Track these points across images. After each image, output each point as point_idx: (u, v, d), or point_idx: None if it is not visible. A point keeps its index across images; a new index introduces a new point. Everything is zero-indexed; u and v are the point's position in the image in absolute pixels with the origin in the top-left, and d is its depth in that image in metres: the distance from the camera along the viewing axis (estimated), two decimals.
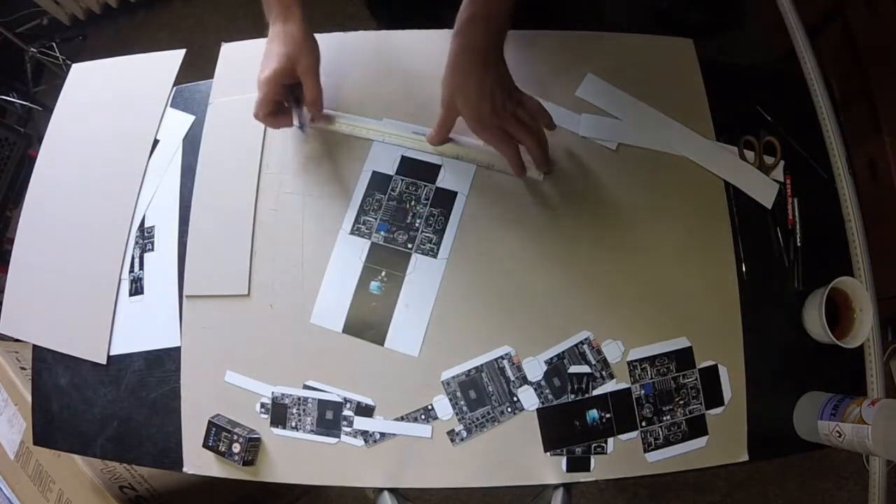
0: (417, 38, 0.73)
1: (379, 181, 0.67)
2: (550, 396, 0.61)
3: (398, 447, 0.61)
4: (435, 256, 0.64)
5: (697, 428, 0.60)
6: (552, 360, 0.61)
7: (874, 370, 0.63)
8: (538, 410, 0.60)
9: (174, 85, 0.75)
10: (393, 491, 0.60)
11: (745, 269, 0.64)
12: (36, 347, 0.70)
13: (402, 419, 0.61)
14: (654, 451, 0.60)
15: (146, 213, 0.71)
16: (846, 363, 0.63)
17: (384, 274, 0.64)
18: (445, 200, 0.66)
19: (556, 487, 0.59)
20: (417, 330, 0.62)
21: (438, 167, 0.67)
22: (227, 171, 0.70)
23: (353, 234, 0.65)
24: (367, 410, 0.61)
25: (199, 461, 0.63)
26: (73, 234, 0.72)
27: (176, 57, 0.77)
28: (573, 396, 0.61)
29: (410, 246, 0.65)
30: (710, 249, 0.64)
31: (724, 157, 0.67)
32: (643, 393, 0.61)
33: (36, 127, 1.74)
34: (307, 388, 0.62)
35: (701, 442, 0.60)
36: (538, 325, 0.62)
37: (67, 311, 0.69)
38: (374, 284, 0.64)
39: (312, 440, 0.61)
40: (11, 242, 0.73)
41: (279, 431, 0.62)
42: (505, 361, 0.61)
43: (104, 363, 0.67)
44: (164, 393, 0.65)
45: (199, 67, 0.77)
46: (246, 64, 0.74)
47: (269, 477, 0.61)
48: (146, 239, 0.70)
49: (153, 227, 0.70)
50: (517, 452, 0.60)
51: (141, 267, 0.69)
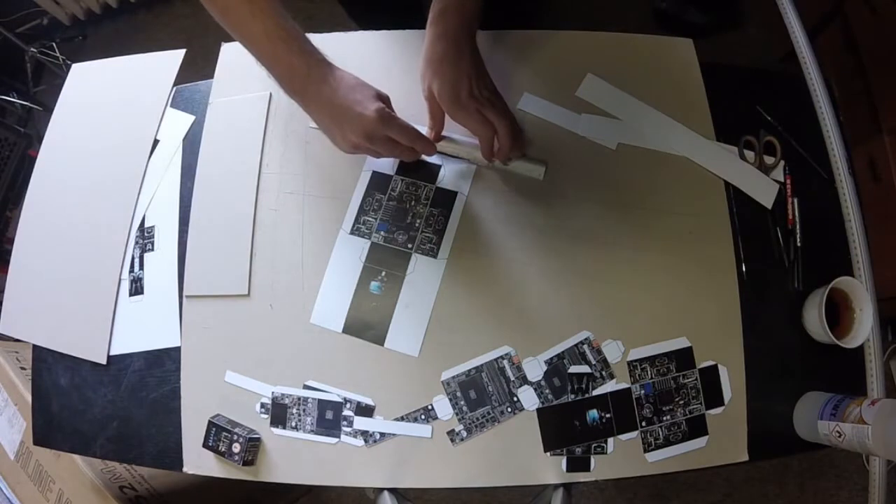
0: (417, 38, 0.73)
1: (379, 181, 0.67)
2: (550, 396, 0.61)
3: (398, 447, 0.61)
4: (435, 256, 0.64)
5: (697, 428, 0.60)
6: (552, 360, 0.61)
7: (874, 370, 0.63)
8: (538, 410, 0.60)
9: (174, 85, 0.75)
10: (393, 491, 0.60)
11: (745, 269, 0.64)
12: (36, 347, 0.70)
13: (402, 419, 0.61)
14: (654, 451, 0.60)
15: (146, 213, 0.71)
16: (846, 363, 0.63)
17: (384, 274, 0.64)
18: (445, 200, 0.66)
19: (556, 487, 0.59)
20: (417, 330, 0.62)
21: (438, 167, 0.67)
22: (227, 171, 0.70)
23: (353, 234, 0.65)
24: (367, 410, 0.61)
25: (199, 461, 0.63)
26: (73, 233, 0.72)
27: (176, 57, 0.77)
28: (573, 396, 0.61)
29: (410, 246, 0.65)
30: (709, 249, 0.64)
31: (724, 157, 0.67)
32: (643, 393, 0.61)
33: (36, 127, 1.74)
34: (307, 388, 0.62)
35: (701, 442, 0.60)
36: (538, 325, 0.62)
37: (67, 311, 0.69)
38: (373, 284, 0.64)
39: (312, 440, 0.61)
40: (11, 242, 0.73)
41: (279, 431, 0.62)
42: (505, 361, 0.61)
43: (104, 363, 0.67)
44: (164, 393, 0.65)
45: (199, 67, 0.77)
46: (246, 64, 0.73)
47: (269, 477, 0.61)
48: (146, 239, 0.70)
49: (153, 227, 0.70)
50: (517, 452, 0.60)
51: (141, 267, 0.69)
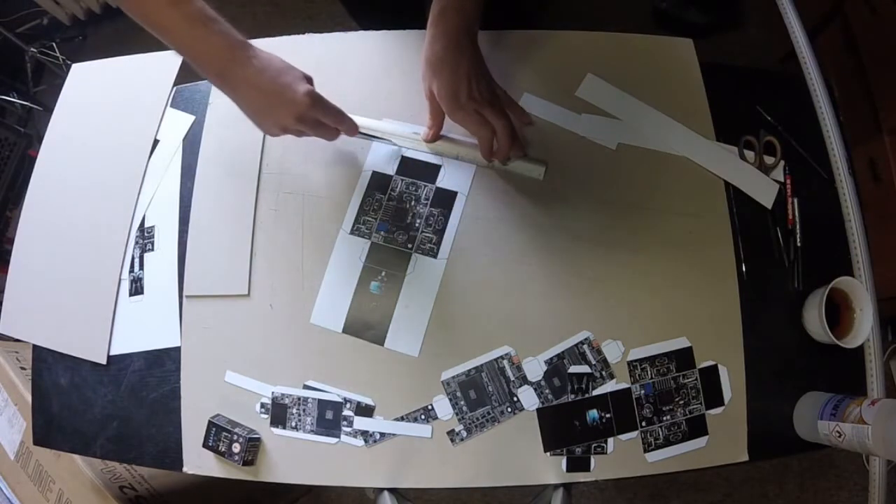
0: (417, 38, 0.73)
1: (379, 181, 0.67)
2: (550, 396, 0.61)
3: (398, 447, 0.61)
4: (435, 256, 0.64)
5: (697, 428, 0.60)
6: (552, 360, 0.61)
7: (874, 370, 0.63)
8: (538, 410, 0.60)
9: (174, 85, 0.75)
10: (393, 491, 0.60)
11: (745, 269, 0.64)
12: (36, 347, 0.70)
13: (402, 419, 0.61)
14: (654, 451, 0.60)
15: (146, 213, 0.71)
16: (846, 363, 0.63)
17: (384, 274, 0.64)
18: (445, 200, 0.66)
19: (556, 487, 0.59)
20: (417, 330, 0.62)
21: (438, 167, 0.67)
22: (227, 171, 0.70)
23: (353, 234, 0.65)
24: (367, 410, 0.61)
25: (199, 461, 0.63)
26: (73, 234, 0.72)
27: (176, 57, 0.77)
28: (573, 396, 0.61)
29: (410, 246, 0.65)
30: (710, 249, 0.64)
31: (724, 157, 0.67)
32: (643, 393, 0.61)
33: (36, 127, 1.74)
34: (307, 388, 0.62)
35: (701, 442, 0.60)
36: (538, 325, 0.62)
37: (67, 311, 0.69)
38: (373, 284, 0.64)
39: (312, 440, 0.61)
40: (11, 242, 0.73)
41: (279, 431, 0.62)
42: (505, 361, 0.61)
43: (104, 363, 0.67)
44: (164, 393, 0.65)
45: None
46: None
47: (269, 477, 0.62)
48: (146, 239, 0.70)
49: (153, 227, 0.70)
50: (517, 452, 0.60)
51: (141, 267, 0.69)
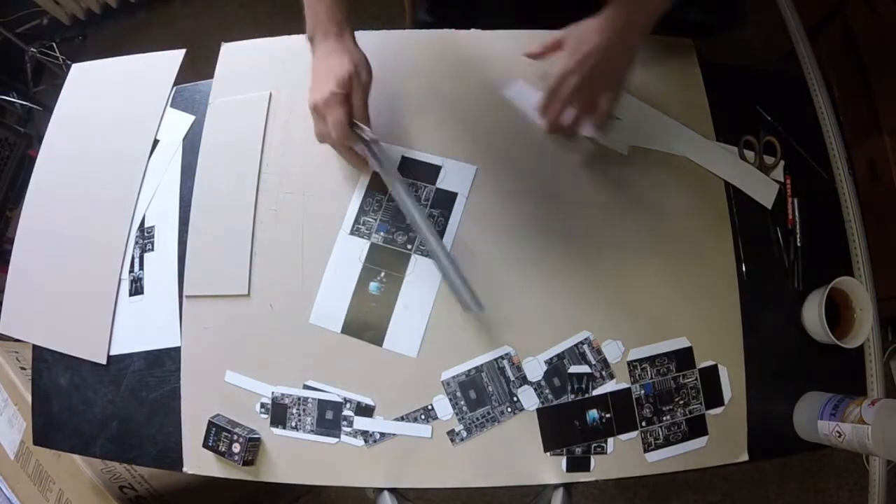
0: (417, 38, 0.73)
1: (379, 182, 0.67)
2: (550, 396, 0.61)
3: (398, 447, 0.61)
4: None
5: (697, 428, 0.60)
6: (552, 360, 0.61)
7: (874, 370, 0.63)
8: (538, 410, 0.60)
9: (174, 85, 0.75)
10: (393, 491, 0.60)
11: (745, 269, 0.64)
12: (36, 347, 0.70)
13: (402, 419, 0.61)
14: (654, 451, 0.60)
15: (146, 213, 0.71)
16: (846, 363, 0.63)
17: (383, 275, 0.64)
18: (445, 201, 0.66)
19: (556, 487, 0.59)
20: (416, 331, 0.62)
21: (438, 168, 0.67)
22: (227, 171, 0.70)
23: (352, 234, 0.65)
24: (367, 410, 0.61)
25: (199, 461, 0.63)
26: (73, 234, 0.72)
27: (176, 57, 0.77)
28: (573, 396, 0.61)
29: (410, 247, 0.65)
30: (710, 249, 0.64)
31: (724, 157, 0.67)
32: (643, 393, 0.61)
33: (36, 127, 1.74)
34: (307, 388, 0.62)
35: (701, 442, 0.60)
36: (538, 325, 0.62)
37: (67, 311, 0.69)
38: (373, 285, 0.64)
39: (312, 440, 0.61)
40: (11, 242, 0.73)
41: (279, 431, 0.62)
42: (505, 361, 0.61)
43: (104, 363, 0.67)
44: (164, 393, 0.65)
45: (199, 67, 0.77)
46: (246, 64, 0.74)
47: (269, 477, 0.62)
48: (146, 239, 0.70)
49: (153, 227, 0.70)
50: (517, 452, 0.60)
51: (141, 267, 0.69)
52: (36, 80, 1.84)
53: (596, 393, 0.61)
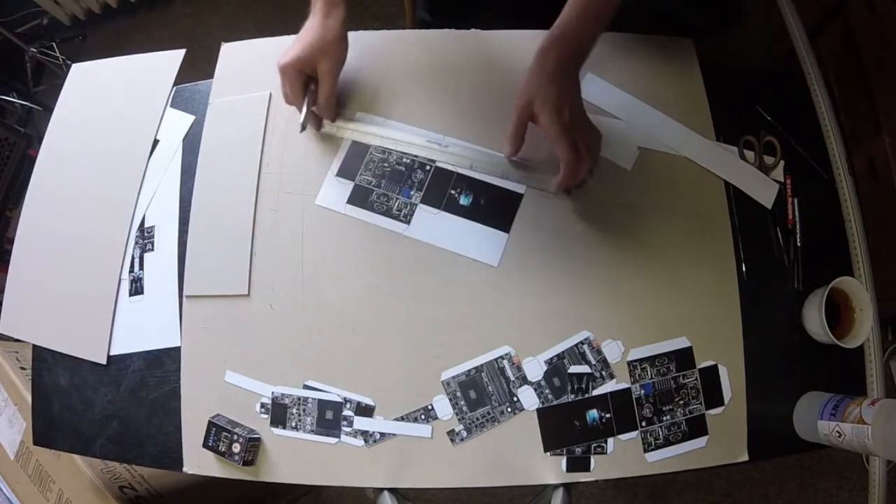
0: (417, 38, 0.73)
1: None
2: (550, 396, 0.61)
3: (398, 447, 0.61)
4: None
5: (697, 428, 0.60)
6: (552, 360, 0.61)
7: (874, 370, 0.63)
8: (538, 410, 0.60)
9: (174, 85, 0.75)
10: (393, 491, 0.60)
11: (745, 269, 0.64)
12: (36, 347, 0.70)
13: (402, 419, 0.61)
14: (653, 451, 0.60)
15: (146, 213, 0.71)
16: (846, 363, 0.63)
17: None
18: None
19: (556, 487, 0.59)
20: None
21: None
22: (227, 171, 0.70)
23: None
24: (367, 410, 0.61)
25: (199, 461, 0.63)
26: (73, 234, 0.72)
27: (176, 57, 0.77)
28: (573, 396, 0.61)
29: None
30: (710, 249, 0.64)
31: (724, 157, 0.67)
32: (643, 393, 0.61)
33: (36, 127, 1.74)
34: (307, 388, 0.62)
35: (701, 442, 0.60)
36: (538, 324, 0.62)
37: (67, 311, 0.69)
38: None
39: (312, 440, 0.61)
40: (11, 242, 0.73)
41: (279, 431, 0.62)
42: (505, 361, 0.61)
43: (104, 363, 0.67)
44: (164, 393, 0.65)
45: (199, 67, 0.77)
46: (246, 64, 0.74)
47: (269, 477, 0.62)
48: (146, 239, 0.70)
49: (153, 227, 0.70)
50: (517, 452, 0.60)
51: (141, 267, 0.69)
52: (36, 80, 1.84)
53: (596, 393, 0.61)
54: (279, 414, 0.62)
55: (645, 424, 0.60)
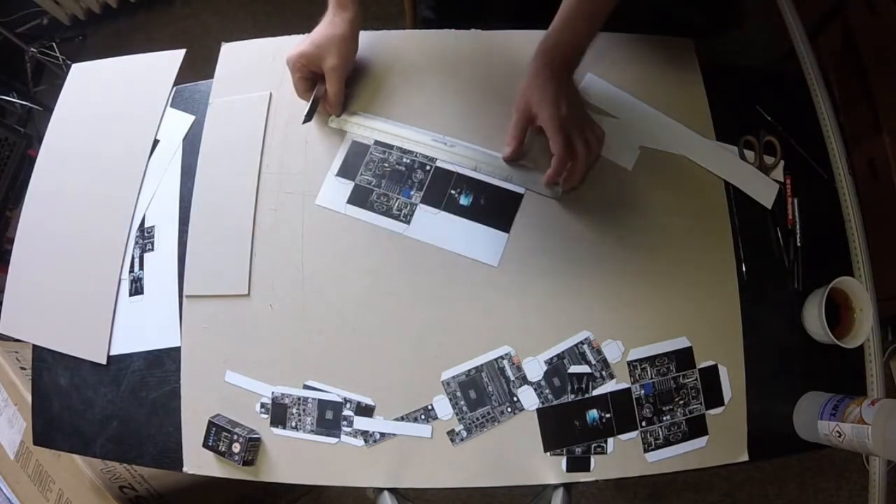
0: (417, 38, 0.73)
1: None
2: (550, 396, 0.61)
3: (398, 447, 0.61)
4: None
5: (697, 428, 0.60)
6: (552, 360, 0.61)
7: (874, 370, 0.63)
8: (538, 410, 0.60)
9: (174, 85, 0.75)
10: (393, 491, 0.60)
11: (745, 269, 0.64)
12: (36, 347, 0.70)
13: (402, 419, 0.61)
14: (653, 451, 0.60)
15: (146, 213, 0.71)
16: (846, 363, 0.63)
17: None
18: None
19: (556, 487, 0.59)
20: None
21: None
22: (227, 171, 0.70)
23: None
24: (367, 410, 0.61)
25: (199, 461, 0.63)
26: (73, 234, 0.72)
27: (176, 57, 0.77)
28: (573, 396, 0.61)
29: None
30: (710, 249, 0.64)
31: (724, 157, 0.67)
32: (643, 393, 0.61)
33: (36, 127, 1.74)
34: (307, 388, 0.62)
35: (701, 442, 0.60)
36: (538, 325, 0.62)
37: (67, 311, 0.69)
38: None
39: (312, 440, 0.61)
40: (11, 242, 0.73)
41: (279, 431, 0.62)
42: (505, 361, 0.61)
43: (104, 363, 0.67)
44: (164, 393, 0.65)
45: (199, 67, 0.77)
46: (246, 64, 0.74)
47: (269, 477, 0.61)
48: (146, 239, 0.70)
49: (153, 227, 0.70)
50: (517, 452, 0.60)
51: (141, 267, 0.69)
52: (36, 80, 1.84)
53: (596, 393, 0.61)
54: (279, 414, 0.62)
55: (645, 424, 0.60)
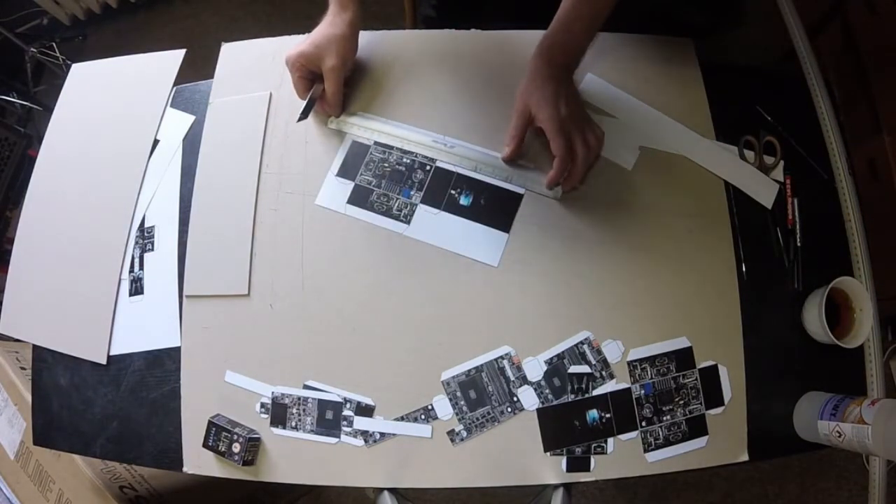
0: (417, 38, 0.73)
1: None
2: (550, 396, 0.61)
3: (398, 447, 0.61)
4: None
5: (697, 428, 0.60)
6: (552, 360, 0.61)
7: (874, 370, 0.63)
8: (538, 410, 0.60)
9: (174, 85, 0.75)
10: (393, 491, 0.60)
11: (745, 269, 0.64)
12: (36, 347, 0.70)
13: (402, 419, 0.61)
14: (654, 451, 0.60)
15: (146, 213, 0.71)
16: (846, 363, 0.63)
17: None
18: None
19: (556, 487, 0.59)
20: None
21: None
22: (227, 171, 0.70)
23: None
24: (367, 410, 0.61)
25: (199, 461, 0.63)
26: (73, 234, 0.72)
27: (176, 57, 0.77)
28: (573, 396, 0.61)
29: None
30: (710, 249, 0.64)
31: (724, 157, 0.67)
32: (643, 393, 0.61)
33: (36, 127, 1.74)
34: (307, 388, 0.62)
35: (701, 442, 0.60)
36: (538, 325, 0.62)
37: (67, 311, 0.69)
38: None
39: (312, 440, 0.61)
40: (11, 242, 0.73)
41: (279, 431, 0.62)
42: (505, 361, 0.61)
43: (104, 363, 0.67)
44: (164, 393, 0.65)
45: (199, 67, 0.77)
46: (246, 64, 0.74)
47: (269, 477, 0.61)
48: (146, 239, 0.70)
49: (153, 227, 0.70)
50: (517, 452, 0.60)
51: (141, 267, 0.69)
52: (36, 80, 1.84)
53: (596, 393, 0.61)
54: (279, 414, 0.62)
55: (645, 424, 0.60)
